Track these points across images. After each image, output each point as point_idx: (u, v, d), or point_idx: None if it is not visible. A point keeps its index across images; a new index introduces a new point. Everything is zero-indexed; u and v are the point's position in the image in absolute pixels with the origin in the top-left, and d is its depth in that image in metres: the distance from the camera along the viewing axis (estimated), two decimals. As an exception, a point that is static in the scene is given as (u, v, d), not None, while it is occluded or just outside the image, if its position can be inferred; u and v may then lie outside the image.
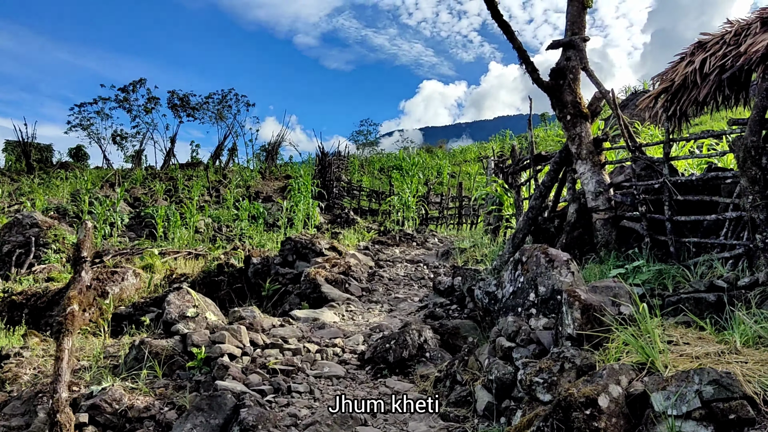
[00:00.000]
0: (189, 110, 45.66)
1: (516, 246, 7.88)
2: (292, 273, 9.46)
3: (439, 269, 10.43)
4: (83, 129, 47.31)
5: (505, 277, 5.31)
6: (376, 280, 9.46)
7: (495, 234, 10.98)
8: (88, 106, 46.63)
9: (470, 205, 24.10)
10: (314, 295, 8.41)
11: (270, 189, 34.02)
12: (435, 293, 8.50)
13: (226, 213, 26.24)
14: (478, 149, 48.88)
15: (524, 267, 4.98)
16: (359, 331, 6.61)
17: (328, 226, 24.72)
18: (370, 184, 35.40)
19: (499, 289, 5.34)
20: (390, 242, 12.84)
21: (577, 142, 7.31)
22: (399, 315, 7.75)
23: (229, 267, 10.24)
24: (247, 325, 5.93)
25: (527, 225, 7.84)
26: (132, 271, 11.34)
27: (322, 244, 10.06)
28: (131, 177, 37.59)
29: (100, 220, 21.35)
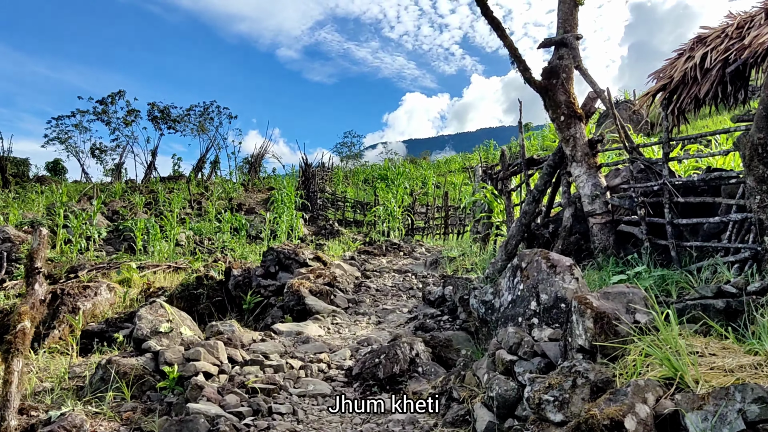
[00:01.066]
0: (170, 122, 45.04)
1: (509, 253, 7.54)
2: (274, 285, 9.02)
3: (428, 279, 10.05)
4: (61, 142, 46.47)
5: (502, 284, 4.95)
6: (363, 291, 9.05)
7: (485, 242, 10.64)
8: (65, 119, 45.82)
9: (456, 215, 23.81)
10: (298, 308, 7.98)
11: (253, 201, 33.54)
12: (425, 304, 8.12)
13: (208, 225, 25.73)
14: (462, 160, 48.83)
15: (524, 273, 4.62)
16: (346, 344, 6.19)
17: (313, 238, 24.28)
18: (354, 195, 35.04)
19: (496, 297, 4.98)
20: (377, 252, 12.45)
21: (572, 144, 7.01)
22: (388, 327, 7.36)
23: (208, 279, 9.76)
24: (225, 340, 5.50)
25: (520, 231, 7.51)
26: (106, 286, 10.81)
27: (306, 254, 9.64)
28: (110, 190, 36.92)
29: (75, 234, 20.69)
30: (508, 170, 9.37)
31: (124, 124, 45.02)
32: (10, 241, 18.91)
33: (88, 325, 9.64)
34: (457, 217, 23.69)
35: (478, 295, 5.18)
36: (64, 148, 46.45)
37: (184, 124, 45.77)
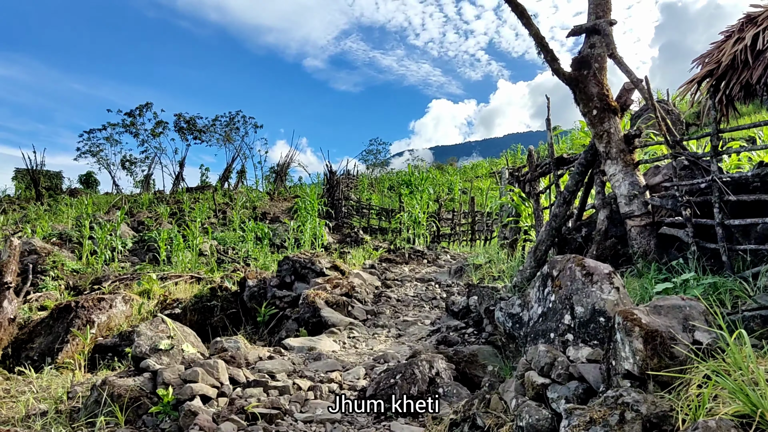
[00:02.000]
0: (196, 133, 45.30)
1: (538, 260, 6.97)
2: (290, 296, 8.59)
3: (452, 288, 9.51)
4: (92, 155, 47.16)
5: (531, 295, 4.40)
6: (383, 302, 8.55)
7: (512, 248, 10.05)
8: (97, 132, 46.49)
9: (483, 221, 23.16)
10: (313, 320, 7.52)
11: (278, 210, 33.37)
12: (448, 315, 7.58)
13: (232, 235, 25.58)
14: (489, 165, 48.06)
15: (555, 283, 4.07)
16: (361, 361, 5.69)
17: (337, 246, 23.89)
18: (379, 202, 34.60)
19: (524, 310, 4.43)
20: (399, 260, 11.93)
21: (606, 140, 6.42)
22: (408, 341, 6.84)
23: (222, 291, 9.38)
24: (228, 358, 5.05)
25: (550, 236, 6.93)
26: (121, 298, 10.52)
27: (323, 263, 9.18)
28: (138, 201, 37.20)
29: (100, 245, 20.65)
30: (536, 171, 8.78)
31: (151, 135, 45.45)
32: (36, 253, 18.92)
33: (102, 338, 9.35)
34: (484, 222, 23.05)
35: (504, 307, 4.63)
36: (95, 161, 47.13)
37: (210, 134, 45.99)
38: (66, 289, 16.96)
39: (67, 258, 19.83)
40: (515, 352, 4.53)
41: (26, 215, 30.95)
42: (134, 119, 44.15)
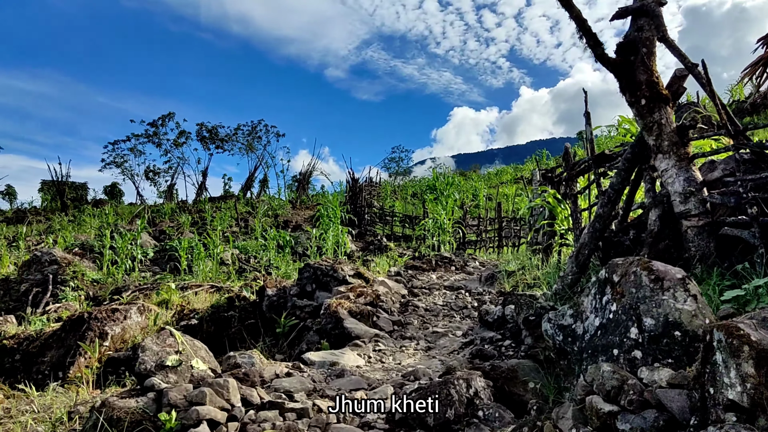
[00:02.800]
0: (218, 142, 45.28)
1: (581, 265, 6.35)
2: (311, 305, 8.07)
3: (484, 296, 8.90)
4: (117, 166, 47.47)
5: (585, 304, 3.81)
6: (410, 312, 7.99)
7: (546, 254, 9.42)
8: (121, 143, 46.79)
9: (511, 227, 22.46)
10: (335, 332, 6.99)
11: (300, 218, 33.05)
12: (481, 326, 6.99)
13: (254, 243, 25.27)
14: (514, 171, 47.25)
15: (617, 290, 3.47)
16: (389, 378, 5.14)
17: (360, 254, 23.42)
18: (402, 209, 34.07)
19: (577, 321, 3.83)
20: (425, 267, 11.35)
21: (656, 132, 5.79)
22: (439, 354, 6.27)
23: (240, 300, 8.91)
24: (242, 376, 4.54)
25: (594, 238, 6.31)
26: (137, 309, 10.11)
27: (346, 270, 8.65)
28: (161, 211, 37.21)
29: (121, 255, 20.43)
30: (573, 170, 8.16)
31: (174, 145, 45.56)
32: (57, 263, 18.77)
33: (114, 352, 8.94)
34: (511, 228, 22.35)
35: (554, 318, 4.04)
36: (120, 172, 47.42)
37: (232, 143, 45.95)
38: (86, 300, 16.72)
39: (87, 268, 19.65)
40: (567, 370, 3.94)
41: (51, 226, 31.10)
42: (157, 129, 44.30)
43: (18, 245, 23.51)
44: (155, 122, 44.13)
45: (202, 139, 45.16)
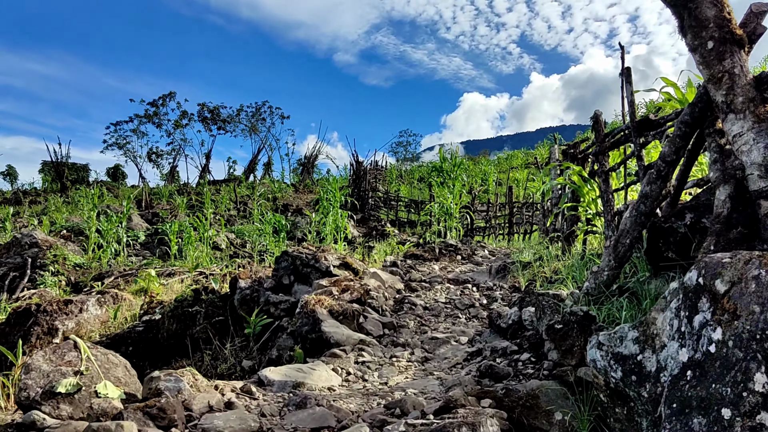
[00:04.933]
0: (220, 123, 43.94)
1: (620, 258, 4.97)
2: (287, 301, 6.75)
3: (494, 292, 7.53)
4: (119, 147, 46.39)
5: (660, 324, 2.43)
6: (406, 311, 6.64)
7: (568, 242, 8.03)
8: (123, 124, 45.61)
9: (522, 212, 21.04)
10: (312, 336, 5.67)
11: (302, 202, 31.83)
12: (492, 332, 5.63)
13: (250, 227, 24.02)
14: (524, 156, 45.72)
15: (725, 305, 2.09)
16: (367, 409, 3.80)
17: (362, 240, 22.14)
18: (408, 194, 32.71)
19: (647, 350, 2.45)
20: (427, 256, 9.97)
21: (727, 85, 4.37)
22: (437, 369, 4.93)
23: (208, 293, 7.61)
24: (155, 412, 3.21)
25: (637, 224, 4.93)
26: (95, 300, 8.85)
27: (330, 259, 7.29)
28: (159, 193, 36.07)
29: (106, 237, 19.20)
30: (604, 142, 6.74)
31: (175, 126, 44.28)
32: (37, 246, 17.58)
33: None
34: (522, 214, 20.93)
35: (607, 343, 2.66)
36: (122, 154, 46.36)
37: (234, 124, 44.58)
38: (67, 285, 15.53)
39: (71, 252, 18.44)
40: (627, 422, 2.57)
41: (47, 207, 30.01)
42: (157, 109, 42.98)
43: (5, 227, 22.37)
44: (155, 102, 42.83)
45: (204, 119, 43.84)
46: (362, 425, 3.33)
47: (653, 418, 2.30)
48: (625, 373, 2.46)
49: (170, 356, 7.23)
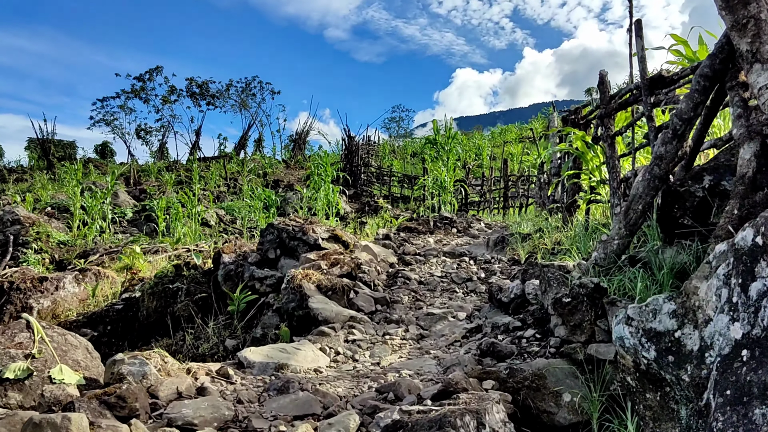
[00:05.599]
0: (209, 98, 43.01)
1: (632, 224, 4.58)
2: (273, 276, 6.34)
3: (493, 265, 7.15)
4: (107, 124, 45.45)
5: (703, 294, 2.03)
6: (399, 285, 6.24)
7: (570, 212, 7.64)
8: (110, 100, 44.59)
9: (518, 186, 20.64)
10: (299, 313, 5.27)
11: (293, 178, 31.34)
12: (492, 306, 5.25)
13: (240, 203, 23.55)
14: (518, 130, 45.19)
15: (794, 271, 1.70)
16: (357, 393, 3.42)
17: (354, 215, 21.76)
18: (401, 169, 32.22)
19: (687, 325, 2.05)
20: (422, 229, 9.55)
21: (752, 32, 3.94)
22: (434, 347, 4.55)
23: (190, 269, 7.19)
24: (113, 400, 2.80)
25: (651, 188, 4.52)
26: (72, 277, 8.42)
27: (319, 232, 6.86)
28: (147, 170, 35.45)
29: (91, 213, 18.68)
30: (609, 104, 6.30)
31: (163, 102, 43.34)
32: (20, 223, 17.07)
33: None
34: (518, 188, 20.53)
35: (637, 317, 2.25)
36: (110, 130, 45.42)
37: (224, 99, 43.67)
38: (51, 263, 15.08)
39: (55, 229, 17.95)
40: (661, 410, 2.18)
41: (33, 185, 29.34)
42: (144, 84, 41.96)
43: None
44: (142, 76, 41.78)
45: (192, 95, 42.88)
46: (351, 412, 2.94)
47: (696, 406, 1.91)
48: (660, 353, 2.06)
49: (150, 335, 6.84)
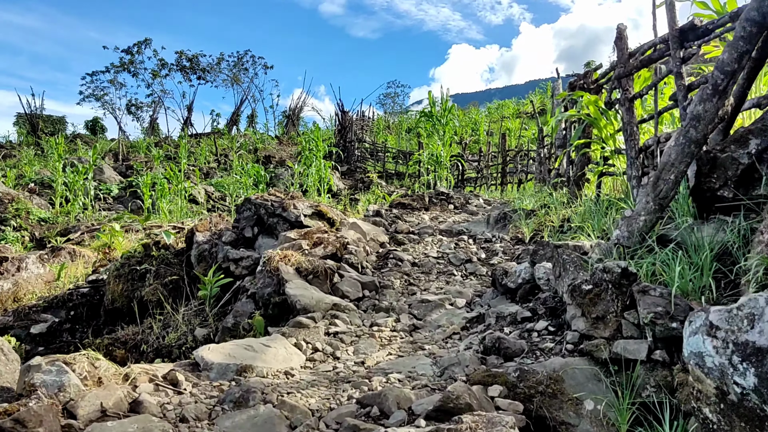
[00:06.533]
0: (199, 72, 41.80)
1: (663, 198, 3.89)
2: (250, 257, 5.65)
3: (494, 244, 6.47)
4: (96, 99, 44.28)
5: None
6: (391, 267, 5.56)
7: (579, 186, 6.96)
8: (100, 74, 43.36)
9: (516, 161, 19.92)
10: (275, 299, 4.60)
11: (285, 154, 30.53)
12: (495, 292, 4.59)
13: (230, 179, 22.83)
14: (516, 105, 44.29)
15: None
16: (333, 405, 2.75)
17: (347, 192, 21.04)
18: (396, 145, 31.43)
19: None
20: (416, 205, 8.82)
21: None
22: (429, 341, 3.88)
23: (161, 249, 6.50)
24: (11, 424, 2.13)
25: (685, 154, 3.83)
26: (36, 257, 7.73)
27: (301, 208, 6.15)
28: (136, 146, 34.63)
29: (73, 189, 17.96)
30: (628, 62, 5.57)
31: (152, 76, 42.14)
32: (-2, 199, 16.37)
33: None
34: (517, 163, 19.81)
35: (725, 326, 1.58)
36: (100, 105, 44.26)
37: (215, 74, 42.48)
38: (31, 241, 14.39)
39: (37, 206, 17.22)
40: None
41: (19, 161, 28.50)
42: (132, 57, 40.68)
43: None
44: (130, 49, 40.47)
45: (182, 68, 41.64)
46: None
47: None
48: (764, 380, 1.39)
49: (116, 322, 6.17)
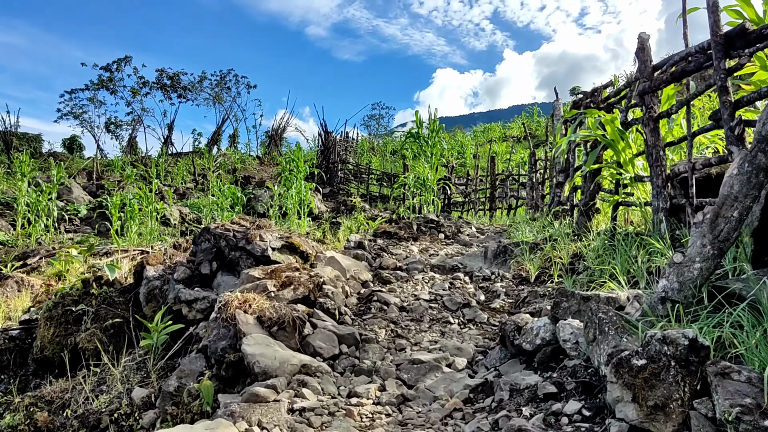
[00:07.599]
0: (180, 90, 40.83)
1: (723, 240, 3.05)
2: (206, 299, 4.71)
3: (495, 284, 5.58)
4: (75, 117, 43.18)
5: None
6: (374, 313, 4.64)
7: (587, 217, 6.13)
8: (79, 92, 42.28)
9: (506, 185, 19.16)
10: (230, 357, 3.65)
11: (267, 175, 29.61)
12: (505, 351, 3.69)
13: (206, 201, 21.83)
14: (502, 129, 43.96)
15: None
16: None
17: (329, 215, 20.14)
18: (380, 167, 30.69)
19: None
20: (403, 234, 7.90)
21: None
22: (423, 424, 2.96)
23: (102, 286, 5.52)
24: None
25: (752, 185, 3.01)
26: (-36, 291, 6.70)
27: (269, 239, 5.20)
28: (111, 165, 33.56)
29: (35, 212, 16.84)
30: (653, 76, 4.79)
31: (132, 93, 41.11)
32: (-48, 221, 15.25)
33: None
34: (506, 188, 19.06)
35: None
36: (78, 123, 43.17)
37: (196, 92, 41.54)
38: (-16, 263, 13.23)
39: (-5, 228, 16.16)
40: None
41: (-12, 179, 27.23)
42: (112, 75, 39.63)
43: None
44: (109, 66, 39.44)
45: (163, 87, 40.65)
46: None
47: None
48: None
49: (45, 374, 5.16)
